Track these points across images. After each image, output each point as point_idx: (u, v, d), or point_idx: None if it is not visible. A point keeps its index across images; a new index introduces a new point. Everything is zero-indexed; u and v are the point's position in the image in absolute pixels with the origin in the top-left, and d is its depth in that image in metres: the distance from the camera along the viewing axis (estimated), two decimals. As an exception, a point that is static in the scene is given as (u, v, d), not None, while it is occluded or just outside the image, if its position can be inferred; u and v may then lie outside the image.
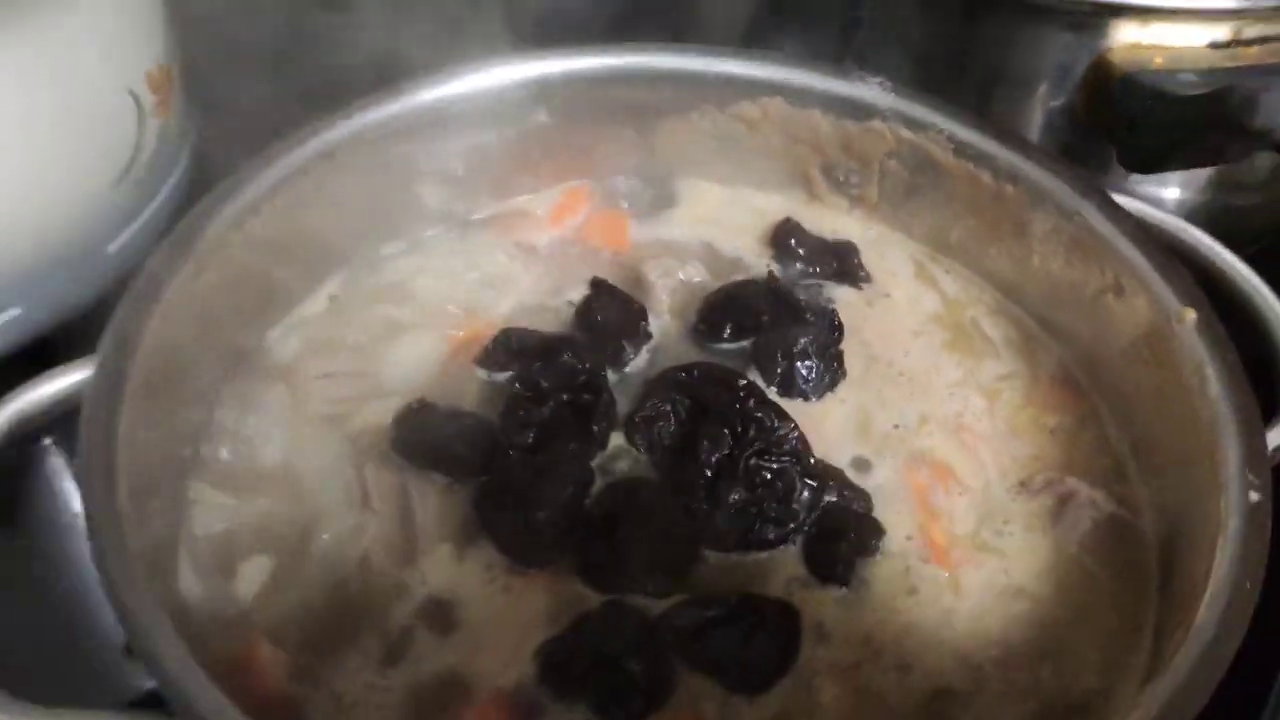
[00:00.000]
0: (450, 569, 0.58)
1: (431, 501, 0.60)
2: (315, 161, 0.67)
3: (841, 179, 0.73)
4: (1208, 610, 0.48)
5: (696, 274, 0.72)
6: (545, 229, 0.75)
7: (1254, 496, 0.51)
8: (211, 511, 0.60)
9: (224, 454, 0.63)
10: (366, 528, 0.60)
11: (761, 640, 0.55)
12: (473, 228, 0.75)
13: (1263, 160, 0.80)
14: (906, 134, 0.69)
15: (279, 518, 0.60)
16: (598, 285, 0.70)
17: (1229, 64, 0.70)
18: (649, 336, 0.69)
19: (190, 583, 0.58)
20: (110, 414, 0.53)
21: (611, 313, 0.69)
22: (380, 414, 0.64)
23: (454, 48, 0.73)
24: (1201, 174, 0.81)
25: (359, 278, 0.72)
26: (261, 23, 0.92)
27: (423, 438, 0.62)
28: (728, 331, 0.68)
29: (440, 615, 0.57)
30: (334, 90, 0.70)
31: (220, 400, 0.65)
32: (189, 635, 0.49)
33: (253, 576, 0.59)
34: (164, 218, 0.73)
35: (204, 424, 0.63)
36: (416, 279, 0.72)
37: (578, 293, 0.70)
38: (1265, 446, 0.53)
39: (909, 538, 0.60)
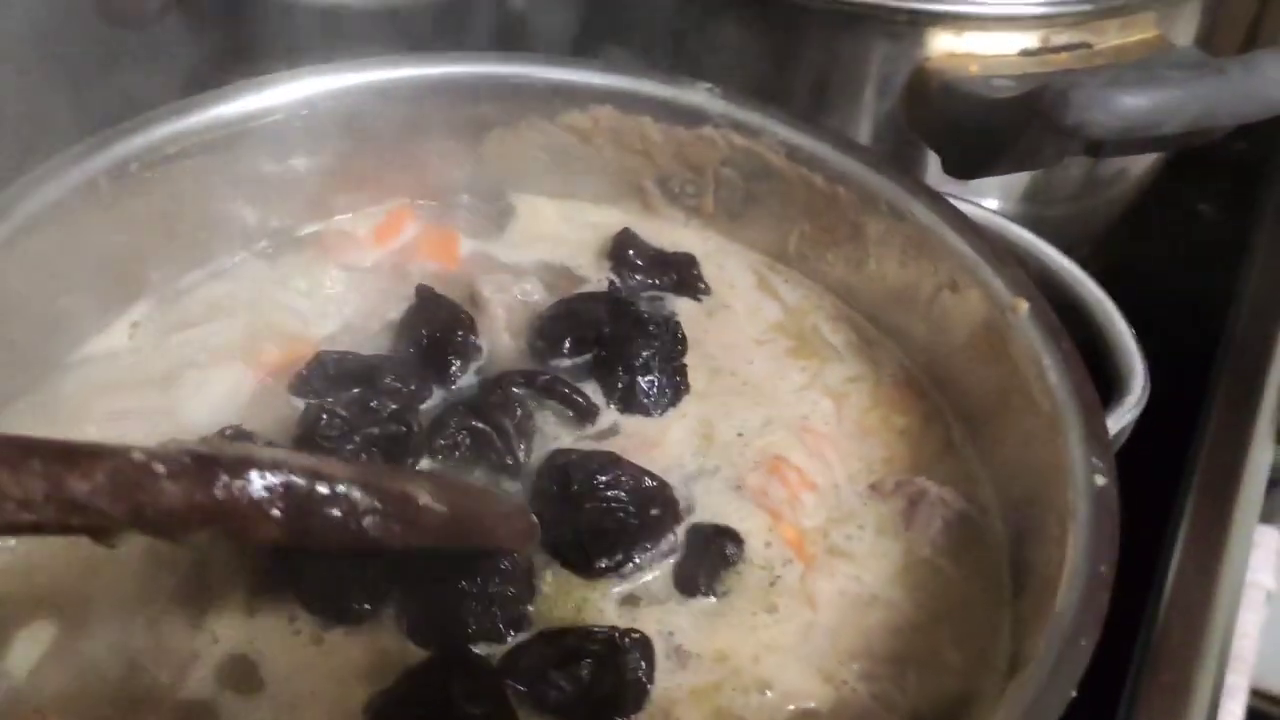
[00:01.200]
0: (245, 623, 0.52)
1: (226, 550, 0.53)
2: (103, 178, 0.60)
3: (677, 190, 0.71)
4: (1064, 599, 0.47)
5: (533, 290, 0.68)
6: (368, 249, 0.70)
7: (1099, 480, 0.50)
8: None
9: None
10: (159, 580, 0.53)
11: (611, 675, 0.51)
12: (288, 249, 0.69)
13: (1075, 170, 0.83)
14: (739, 140, 0.67)
15: (59, 575, 0.53)
16: (423, 294, 0.65)
17: (1040, 69, 0.71)
18: (478, 350, 0.64)
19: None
20: None
21: (438, 324, 0.64)
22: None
23: (262, 63, 0.68)
24: (1018, 186, 0.83)
25: (162, 306, 0.65)
26: (58, 50, 0.85)
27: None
28: (567, 346, 0.64)
29: (242, 674, 0.51)
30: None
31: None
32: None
33: (29, 648, 0.51)
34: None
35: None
36: (226, 305, 0.66)
37: (402, 313, 0.65)
38: (1106, 431, 0.53)
39: (767, 544, 0.57)
